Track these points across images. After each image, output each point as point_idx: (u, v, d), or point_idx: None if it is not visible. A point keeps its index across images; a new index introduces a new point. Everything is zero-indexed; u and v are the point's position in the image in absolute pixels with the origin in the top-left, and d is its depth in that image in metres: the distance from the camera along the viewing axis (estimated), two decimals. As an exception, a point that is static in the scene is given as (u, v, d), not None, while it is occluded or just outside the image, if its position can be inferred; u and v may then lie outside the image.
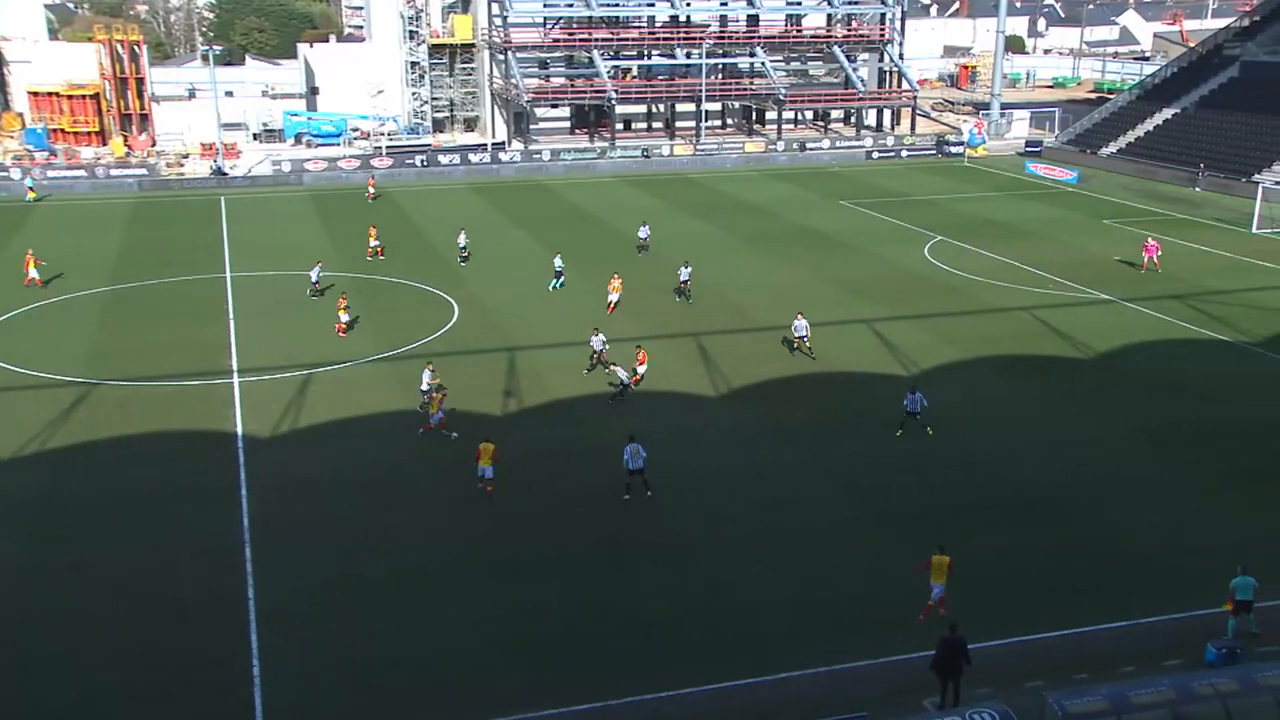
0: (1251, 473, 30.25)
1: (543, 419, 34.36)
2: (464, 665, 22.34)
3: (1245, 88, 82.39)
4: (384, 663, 22.43)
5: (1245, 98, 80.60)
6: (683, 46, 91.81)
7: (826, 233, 60.39)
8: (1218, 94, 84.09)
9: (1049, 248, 56.54)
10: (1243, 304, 46.25)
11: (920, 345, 40.91)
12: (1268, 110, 77.26)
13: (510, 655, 22.63)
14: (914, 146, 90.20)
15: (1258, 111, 77.81)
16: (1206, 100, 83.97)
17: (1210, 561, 25.73)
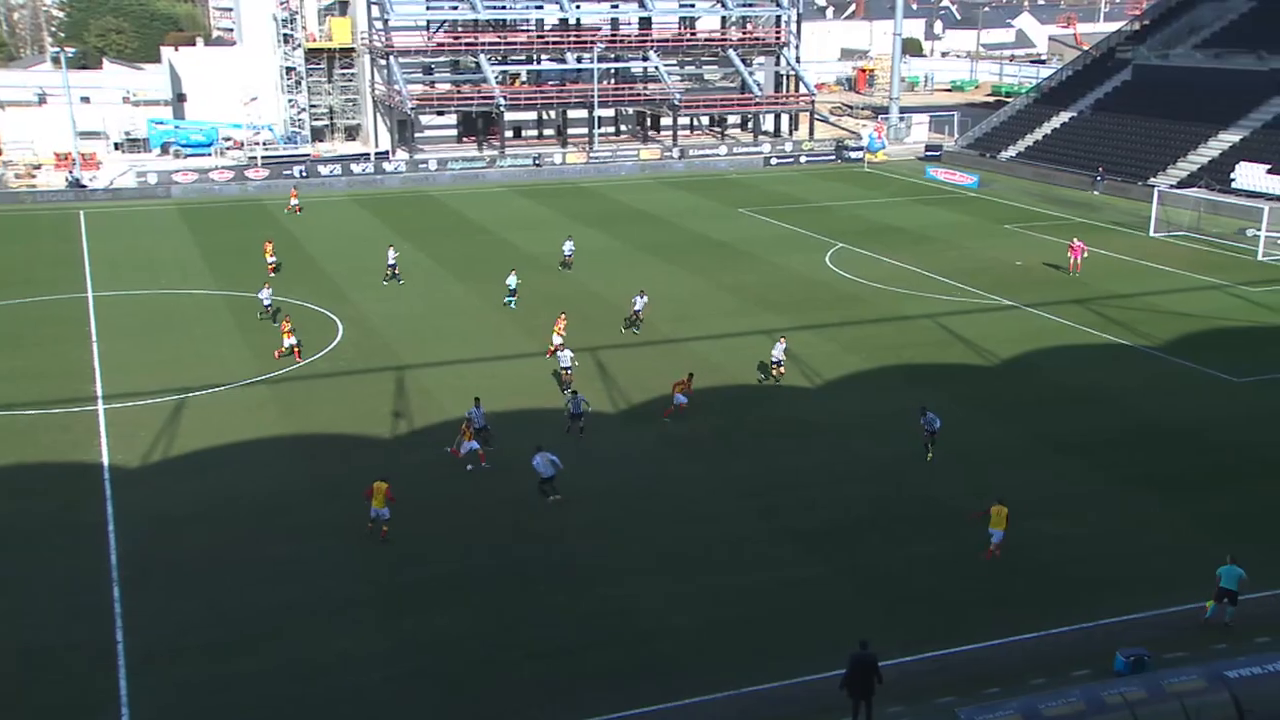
0: (1155, 478, 31.38)
1: (435, 440, 34.02)
2: (356, 704, 21.96)
3: (1138, 91, 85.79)
4: (268, 704, 21.93)
5: (1139, 101, 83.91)
6: (573, 50, 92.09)
7: (726, 241, 61.07)
8: (1112, 97, 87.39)
9: (951, 253, 58.02)
10: (1143, 308, 48.04)
11: (824, 355, 41.59)
12: (1160, 114, 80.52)
13: (406, 691, 22.32)
14: (813, 152, 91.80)
15: (1151, 115, 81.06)
16: (1102, 103, 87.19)
17: (1115, 570, 26.62)
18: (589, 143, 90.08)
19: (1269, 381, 38.74)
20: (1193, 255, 57.73)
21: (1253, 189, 67.56)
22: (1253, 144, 73.20)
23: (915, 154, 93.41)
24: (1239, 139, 74.36)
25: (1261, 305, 48.58)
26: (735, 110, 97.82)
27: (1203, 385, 38.57)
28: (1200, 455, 32.94)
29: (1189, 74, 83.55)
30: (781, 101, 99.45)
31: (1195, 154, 75.44)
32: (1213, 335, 44.24)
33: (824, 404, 36.91)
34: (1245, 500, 30.08)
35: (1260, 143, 72.97)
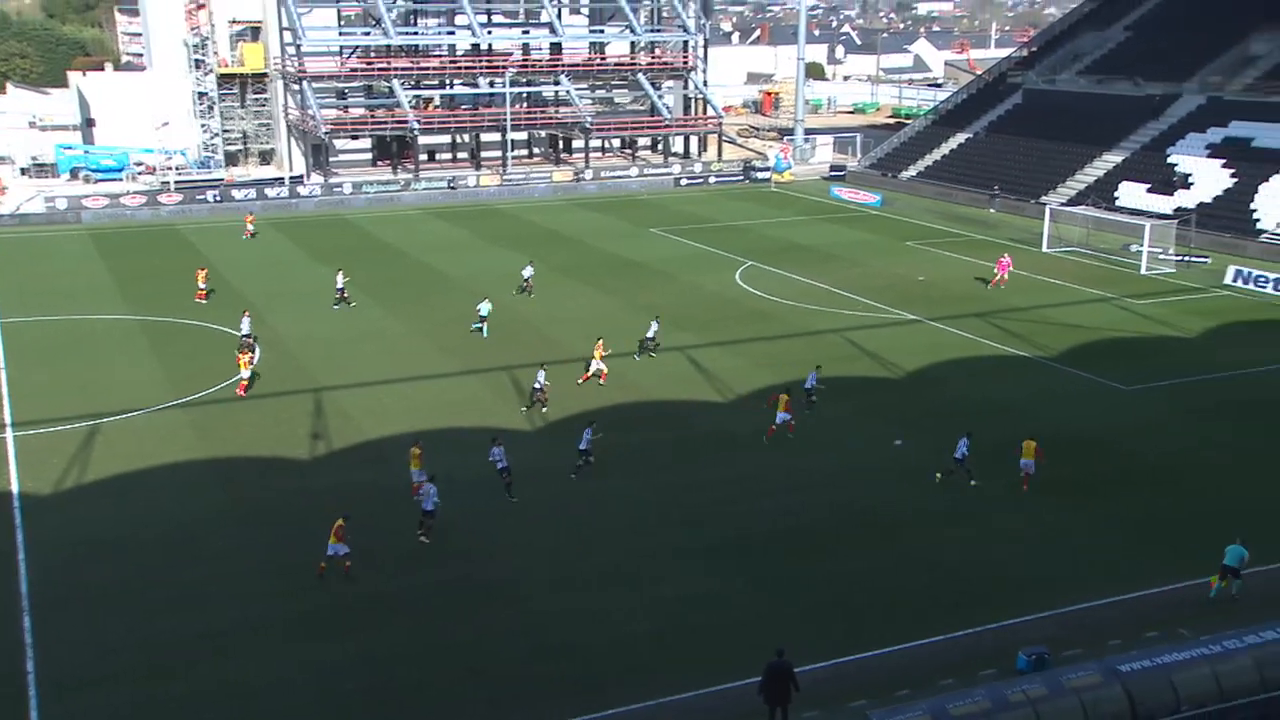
0: (1056, 485, 32.23)
1: (354, 461, 33.62)
2: (278, 728, 21.55)
3: (1028, 114, 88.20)
4: (189, 732, 21.40)
5: (1029, 123, 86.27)
6: (486, 75, 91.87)
7: (639, 261, 61.36)
8: (1005, 119, 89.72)
9: (856, 270, 58.99)
10: (1039, 320, 49.34)
11: (736, 371, 41.97)
12: (1049, 135, 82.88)
13: (340, 713, 21.95)
14: (722, 173, 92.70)
15: (1041, 137, 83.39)
16: (995, 125, 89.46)
17: (1019, 572, 27.28)
18: (502, 165, 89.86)
19: (1156, 390, 40.03)
20: (1083, 270, 59.45)
21: (1135, 207, 69.86)
22: (1133, 164, 75.69)
23: (820, 174, 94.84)
24: (1121, 160, 76.81)
25: (1146, 317, 50.19)
26: (646, 132, 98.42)
27: (1097, 394, 39.70)
28: (1099, 462, 33.88)
29: (1074, 98, 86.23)
30: (690, 124, 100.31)
31: (1082, 174, 77.76)
32: (1104, 346, 45.58)
33: (739, 419, 37.22)
34: (1142, 504, 31.01)
35: (1140, 163, 75.46)
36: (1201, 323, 48.90)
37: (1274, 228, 64.03)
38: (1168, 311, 50.80)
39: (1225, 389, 40.31)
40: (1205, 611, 25.06)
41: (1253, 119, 73.38)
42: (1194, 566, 27.03)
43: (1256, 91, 76.18)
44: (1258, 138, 71.77)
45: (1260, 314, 50.77)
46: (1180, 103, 79.45)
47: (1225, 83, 78.81)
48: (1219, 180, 69.87)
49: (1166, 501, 31.10)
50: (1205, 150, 73.18)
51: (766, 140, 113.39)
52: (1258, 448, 34.92)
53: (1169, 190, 70.95)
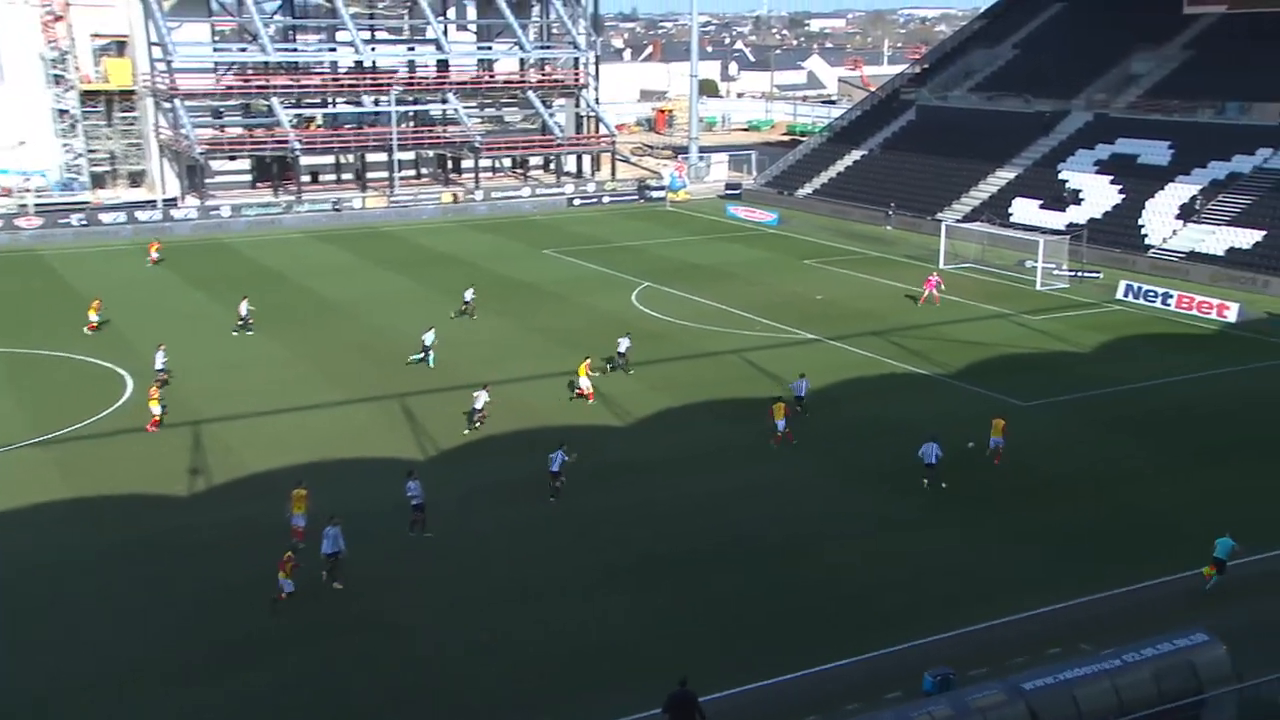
0: (953, 502, 32.91)
1: (237, 497, 32.78)
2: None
3: (922, 130, 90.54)
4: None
5: (923, 140, 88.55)
6: (370, 93, 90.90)
7: (532, 283, 61.23)
8: (899, 136, 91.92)
9: (754, 289, 59.68)
10: (938, 337, 50.47)
11: (633, 394, 42.06)
12: (943, 152, 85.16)
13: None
14: (615, 192, 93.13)
15: (935, 153, 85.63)
16: (890, 142, 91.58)
17: (923, 591, 27.75)
18: (389, 186, 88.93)
19: (1054, 405, 41.21)
20: (979, 286, 61.06)
21: (1028, 223, 72.11)
22: (1026, 181, 78.17)
23: (716, 192, 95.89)
24: (1014, 176, 79.27)
25: (1041, 332, 51.73)
26: (537, 152, 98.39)
27: (996, 410, 40.66)
28: (999, 478, 34.71)
29: (966, 115, 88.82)
30: (583, 142, 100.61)
31: (976, 190, 80.00)
32: (1001, 362, 46.81)
33: (637, 443, 37.27)
34: (1044, 519, 31.81)
35: (1032, 179, 77.98)
36: (1096, 337, 50.55)
37: (1160, 243, 66.67)
38: (1063, 327, 52.41)
39: (1122, 403, 41.69)
40: (1107, 626, 25.80)
41: (1137, 135, 76.46)
42: (1097, 581, 27.85)
43: (1139, 109, 79.46)
44: (1142, 154, 74.74)
45: (1151, 328, 52.71)
46: (1069, 120, 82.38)
47: (1110, 100, 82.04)
48: (1108, 196, 72.52)
49: (1068, 517, 31.96)
50: (1094, 167, 75.91)
51: (661, 159, 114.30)
52: (1157, 460, 36.15)
53: (1061, 206, 73.40)
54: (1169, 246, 66.10)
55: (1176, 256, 64.79)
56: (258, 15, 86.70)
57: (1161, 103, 78.33)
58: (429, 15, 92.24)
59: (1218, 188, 68.63)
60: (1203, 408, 41.24)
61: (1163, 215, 68.69)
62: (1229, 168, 69.79)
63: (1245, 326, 52.77)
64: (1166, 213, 68.72)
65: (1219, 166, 70.16)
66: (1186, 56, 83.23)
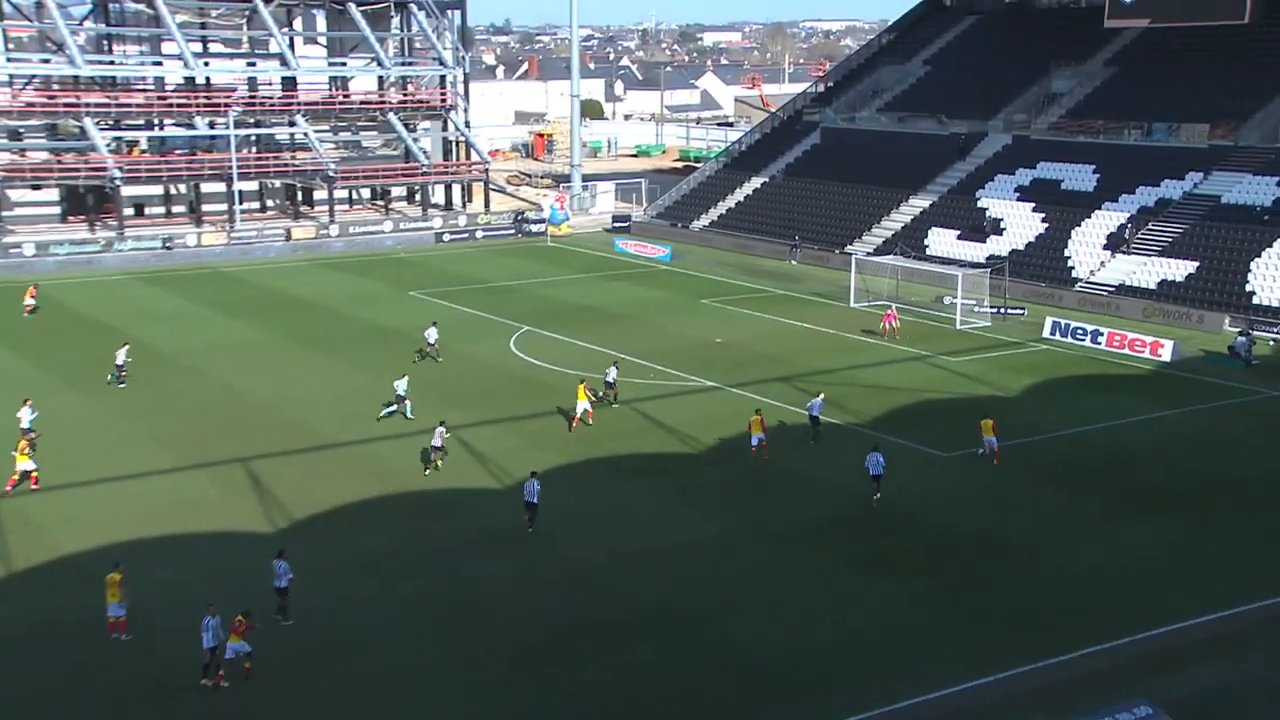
0: (870, 563, 33.36)
1: (43, 584, 31.65)
2: None
3: (828, 154, 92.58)
4: None
5: (829, 164, 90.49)
6: (204, 114, 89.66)
7: (397, 329, 60.75)
8: (803, 161, 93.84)
9: (646, 332, 60.06)
10: (849, 383, 51.32)
11: (514, 452, 41.85)
12: (851, 178, 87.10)
13: None
14: (490, 226, 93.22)
15: (842, 180, 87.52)
16: (793, 168, 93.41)
17: (828, 659, 28.00)
18: (229, 221, 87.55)
19: (974, 455, 42.10)
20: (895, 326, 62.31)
21: (946, 255, 74.06)
22: (942, 209, 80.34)
23: (602, 225, 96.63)
24: (928, 204, 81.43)
25: (962, 375, 52.96)
26: (400, 181, 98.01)
27: (913, 461, 41.44)
28: (915, 535, 35.27)
29: (876, 137, 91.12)
30: (452, 170, 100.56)
31: (889, 220, 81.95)
32: (919, 409, 47.76)
33: (518, 508, 37.04)
34: (966, 581, 32.39)
35: (948, 208, 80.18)
36: (1021, 380, 51.92)
37: (1088, 276, 68.96)
38: (986, 368, 53.74)
39: (1050, 451, 42.79)
40: (1043, 699, 26.29)
41: (1060, 159, 79.23)
42: (1029, 650, 28.38)
43: (1061, 130, 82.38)
44: (1066, 179, 77.42)
45: (1081, 369, 54.34)
46: (986, 142, 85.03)
47: (1030, 121, 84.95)
48: (1031, 225, 74.86)
49: (995, 579, 32.60)
50: (1015, 193, 78.38)
51: (540, 188, 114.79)
52: (1089, 513, 37.12)
53: (981, 237, 75.54)
54: (1098, 280, 68.45)
55: (1106, 290, 67.08)
56: (63, 21, 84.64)
57: (1085, 123, 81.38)
58: (271, 26, 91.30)
59: (1147, 215, 71.34)
60: (1138, 454, 42.54)
61: (1090, 245, 71.15)
62: (1158, 193, 72.64)
63: (1181, 365, 54.75)
64: (1094, 243, 71.19)
65: (1147, 192, 72.97)
66: (1109, 74, 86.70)
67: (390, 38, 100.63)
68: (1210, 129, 75.38)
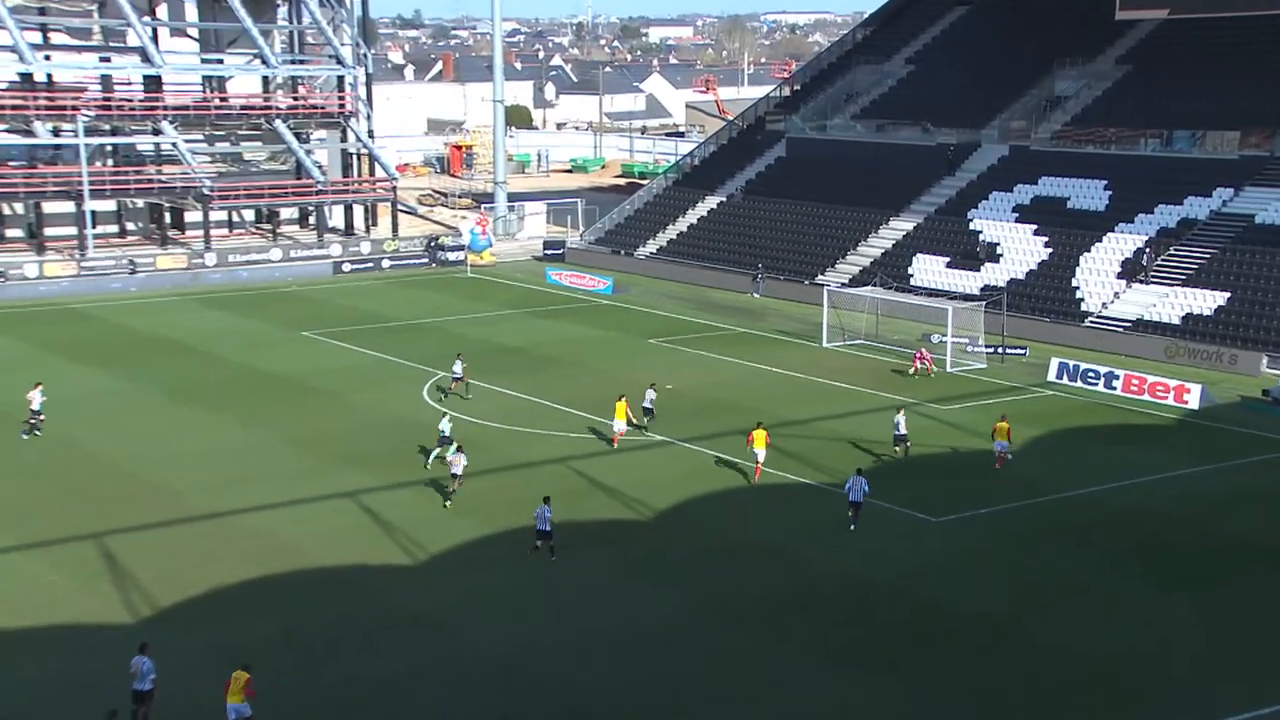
0: (852, 649, 33.40)
1: None
2: None
3: (795, 168, 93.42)
4: None
5: (797, 181, 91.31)
6: (45, 119, 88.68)
7: (287, 376, 60.46)
8: (767, 177, 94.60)
9: (584, 378, 60.08)
10: (821, 435, 51.53)
11: (425, 521, 41.59)
12: (823, 196, 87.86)
13: None
14: (399, 254, 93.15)
15: (812, 198, 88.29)
16: (755, 185, 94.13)
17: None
18: (79, 248, 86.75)
19: (971, 521, 42.32)
20: (874, 368, 62.72)
21: (933, 286, 74.71)
22: (928, 232, 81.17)
23: (532, 253, 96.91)
24: (913, 226, 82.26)
25: (954, 426, 53.33)
26: (290, 201, 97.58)
27: (899, 528, 41.61)
28: (901, 613, 35.34)
29: (851, 149, 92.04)
30: (353, 189, 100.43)
31: (867, 245, 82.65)
32: (904, 466, 47.96)
33: (432, 587, 36.80)
34: (963, 669, 32.47)
35: (936, 231, 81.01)
36: (1023, 432, 52.18)
37: (1100, 310, 69.78)
38: (981, 418, 54.02)
39: (1059, 514, 43.05)
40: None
41: (1065, 174, 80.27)
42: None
43: (1066, 140, 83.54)
44: (1073, 197, 78.51)
45: (1093, 418, 54.90)
46: (980, 154, 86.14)
47: (1030, 129, 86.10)
48: (1032, 251, 75.76)
49: (996, 667, 32.70)
50: (1013, 214, 79.34)
51: (458, 210, 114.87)
52: (1104, 589, 37.31)
53: (974, 264, 76.34)
54: (1111, 314, 69.29)
55: (1121, 326, 67.89)
56: None
57: (1094, 132, 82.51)
58: (129, 14, 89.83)
59: (1168, 238, 72.32)
60: (1162, 517, 42.92)
61: (1102, 274, 72.03)
62: (1181, 213, 73.68)
63: (1211, 414, 55.38)
64: (1106, 271, 72.08)
65: (1169, 211, 74.02)
66: (1122, 74, 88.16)
67: (276, 30, 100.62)
68: (1241, 137, 76.36)
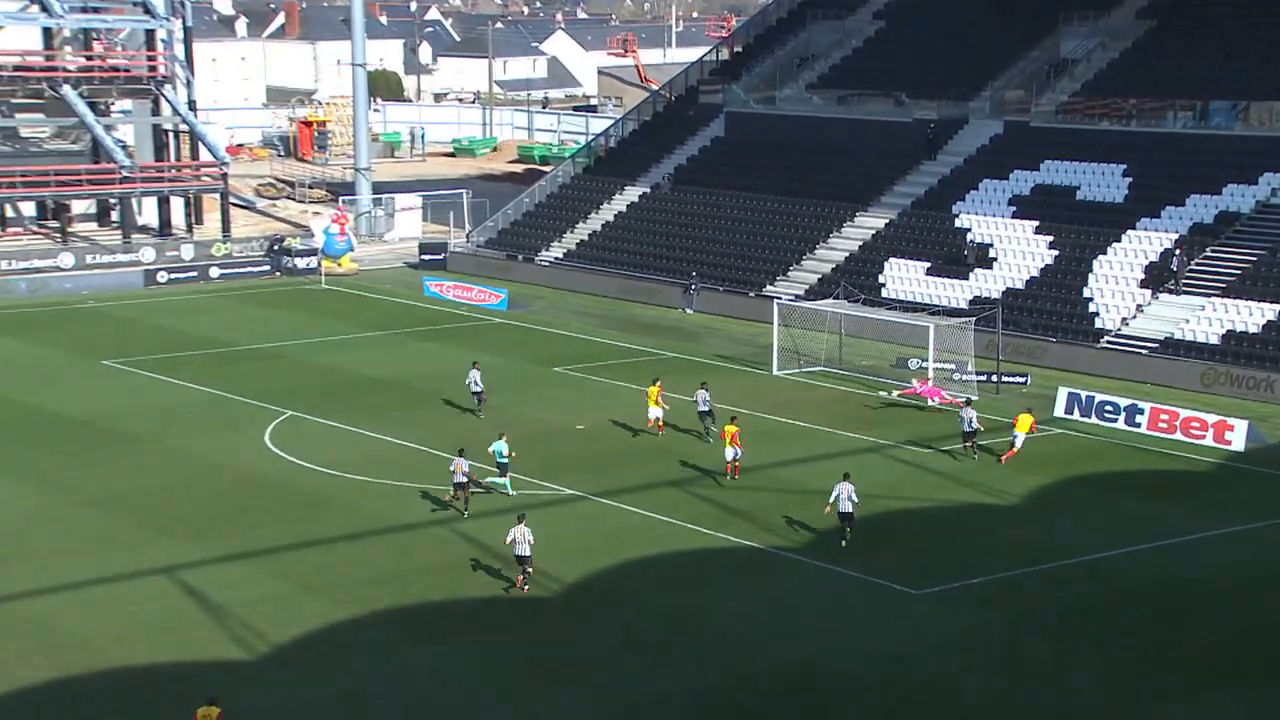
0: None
1: None
2: None
3: (736, 151, 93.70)
4: None
5: (739, 167, 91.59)
6: None
7: (83, 418, 60.00)
8: (700, 162, 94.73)
9: (471, 417, 59.83)
10: (773, 488, 51.44)
11: (271, 602, 41.10)
12: (771, 186, 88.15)
13: None
14: (232, 260, 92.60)
15: (758, 189, 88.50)
16: (686, 173, 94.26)
17: None
18: None
19: (959, 592, 42.26)
20: (836, 401, 62.94)
21: (910, 298, 74.84)
22: (904, 231, 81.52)
23: (404, 259, 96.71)
24: (884, 224, 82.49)
25: (940, 474, 53.33)
26: (86, 192, 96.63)
27: (871, 603, 41.51)
28: (875, 704, 35.42)
29: (806, 127, 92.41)
30: (169, 176, 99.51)
31: (827, 247, 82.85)
32: (876, 525, 47.73)
33: (280, 686, 36.47)
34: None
35: (914, 229, 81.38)
36: (1024, 480, 52.43)
37: (1119, 327, 70.08)
38: (972, 465, 54.20)
39: (1070, 586, 43.09)
40: None
41: (1074, 157, 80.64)
42: None
43: (1075, 115, 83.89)
44: (1084, 186, 78.95)
45: (1112, 463, 55.13)
46: (967, 132, 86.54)
47: (1030, 101, 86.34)
48: (1034, 253, 76.18)
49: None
50: (1009, 208, 79.80)
51: (309, 203, 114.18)
52: (1125, 679, 37.44)
53: (961, 271, 76.62)
54: (1133, 332, 69.58)
55: (1146, 347, 68.19)
56: None
57: (1110, 104, 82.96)
58: None
59: (1203, 237, 72.84)
60: (1201, 590, 43.08)
61: (1121, 282, 72.39)
62: (1220, 204, 74.21)
63: (1260, 456, 55.69)
64: (1127, 278, 72.47)
65: (1204, 203, 74.59)
66: (1144, 30, 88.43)
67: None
68: (1295, 110, 77.09)
